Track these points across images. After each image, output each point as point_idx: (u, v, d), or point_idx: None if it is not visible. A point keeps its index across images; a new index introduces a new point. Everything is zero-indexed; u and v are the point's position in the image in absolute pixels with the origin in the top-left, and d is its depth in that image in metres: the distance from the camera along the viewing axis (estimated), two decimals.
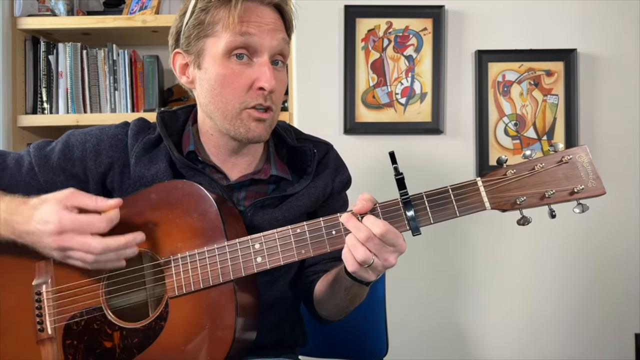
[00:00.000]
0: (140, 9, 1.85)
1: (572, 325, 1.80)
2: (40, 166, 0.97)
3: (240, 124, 0.92)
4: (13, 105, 1.80)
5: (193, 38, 0.92)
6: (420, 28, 1.78)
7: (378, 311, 1.35)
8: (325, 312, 1.02)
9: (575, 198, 0.80)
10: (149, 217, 0.89)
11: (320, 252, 0.84)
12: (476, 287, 1.81)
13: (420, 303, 1.80)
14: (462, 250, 1.80)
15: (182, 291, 0.86)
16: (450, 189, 0.81)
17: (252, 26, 0.89)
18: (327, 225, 0.84)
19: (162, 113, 1.02)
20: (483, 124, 1.78)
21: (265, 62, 0.91)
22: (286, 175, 1.01)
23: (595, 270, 1.80)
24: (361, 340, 1.34)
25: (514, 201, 0.80)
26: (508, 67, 1.78)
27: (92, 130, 1.01)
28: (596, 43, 1.79)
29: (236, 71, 0.90)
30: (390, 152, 0.83)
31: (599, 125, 1.79)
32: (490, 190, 0.80)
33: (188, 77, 0.97)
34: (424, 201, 0.81)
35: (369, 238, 0.78)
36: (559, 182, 0.79)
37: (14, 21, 1.81)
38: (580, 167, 0.79)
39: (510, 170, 0.80)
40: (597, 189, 0.79)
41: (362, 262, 0.78)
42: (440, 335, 1.80)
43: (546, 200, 0.80)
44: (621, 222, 1.79)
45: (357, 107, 1.77)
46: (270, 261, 0.85)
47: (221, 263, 0.85)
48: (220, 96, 0.91)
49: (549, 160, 0.80)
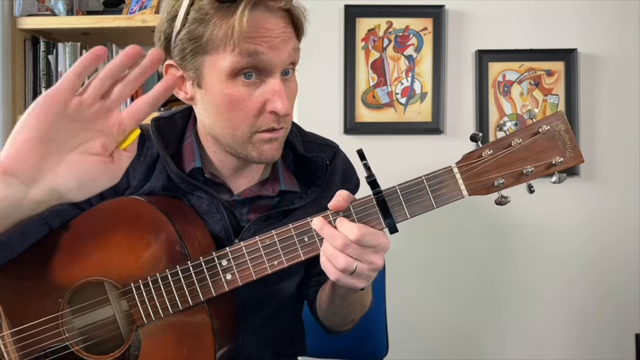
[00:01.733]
0: (140, 9, 1.85)
1: (572, 325, 1.80)
2: None
3: (252, 148, 0.83)
4: (13, 105, 1.80)
5: (188, 53, 0.80)
6: (421, 28, 1.78)
7: (378, 311, 1.35)
8: (328, 322, 0.97)
9: (554, 171, 0.76)
10: (99, 240, 0.81)
11: (294, 261, 0.77)
12: (476, 288, 1.81)
13: (420, 303, 1.80)
14: (463, 250, 1.80)
15: (152, 319, 0.79)
16: (424, 179, 0.76)
17: (259, 42, 0.77)
18: (298, 232, 0.77)
19: (156, 120, 0.90)
20: (483, 124, 1.78)
21: (277, 82, 0.79)
22: (295, 187, 0.93)
23: (596, 270, 1.80)
24: (361, 340, 1.33)
25: (491, 184, 0.76)
26: (508, 67, 1.78)
27: None
28: (596, 43, 1.79)
29: (244, 94, 0.79)
30: (359, 150, 0.78)
31: (599, 125, 1.79)
32: (467, 176, 0.76)
33: (186, 93, 0.85)
34: (398, 195, 0.76)
35: (346, 245, 0.72)
36: (536, 156, 0.75)
37: (13, 21, 1.81)
38: (558, 136, 0.75)
39: (486, 150, 0.75)
40: (575, 159, 0.76)
41: (343, 269, 0.72)
42: (440, 336, 1.80)
43: (524, 178, 0.76)
44: (621, 222, 1.78)
45: (357, 107, 1.77)
46: (242, 277, 0.78)
47: (187, 285, 0.78)
48: (228, 121, 0.81)
49: (525, 134, 0.75)
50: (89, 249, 0.81)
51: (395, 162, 1.76)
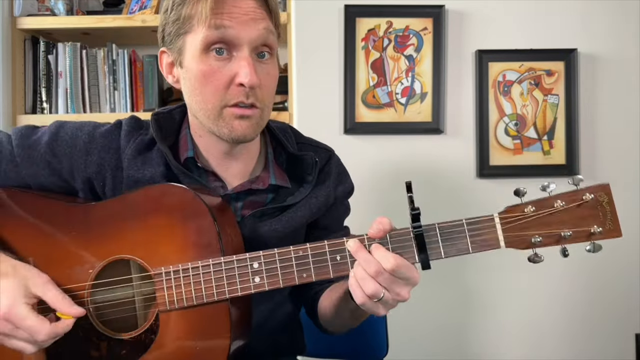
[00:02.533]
0: (139, 9, 1.85)
1: (572, 325, 1.80)
2: (23, 158, 0.90)
3: (223, 123, 0.86)
4: (13, 105, 1.80)
5: (173, 35, 0.87)
6: (421, 28, 1.78)
7: None
8: (331, 327, 0.99)
9: (591, 239, 0.78)
10: (139, 222, 0.84)
11: (322, 277, 0.79)
12: (476, 287, 1.81)
13: (421, 303, 1.80)
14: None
15: (174, 306, 0.81)
16: (465, 222, 0.77)
17: (226, 18, 0.82)
18: (331, 250, 0.78)
19: (156, 115, 0.95)
20: (483, 123, 1.78)
21: (245, 56, 0.83)
22: (285, 183, 0.96)
23: (596, 271, 1.80)
24: (361, 340, 1.33)
25: (529, 240, 0.77)
26: (508, 66, 1.78)
27: (84, 125, 0.93)
28: (596, 43, 1.79)
29: (215, 67, 0.84)
30: (407, 182, 0.79)
31: (599, 125, 1.79)
32: (507, 228, 0.77)
33: (174, 76, 0.92)
34: (436, 233, 0.77)
35: (379, 272, 0.73)
36: (576, 223, 0.77)
37: (13, 21, 1.81)
38: (600, 207, 0.78)
39: (529, 207, 0.77)
40: (614, 231, 0.79)
41: (371, 295, 0.74)
42: (441, 336, 1.80)
43: (562, 242, 0.77)
44: (622, 223, 1.78)
45: (357, 107, 1.77)
46: (269, 283, 0.80)
47: (216, 280, 0.80)
48: (201, 95, 0.86)
49: (569, 199, 0.77)
50: (128, 227, 0.84)
51: (395, 162, 1.76)
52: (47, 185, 0.92)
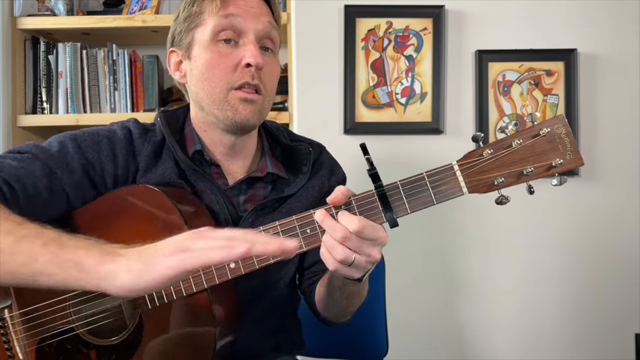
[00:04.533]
0: (140, 9, 1.85)
1: (572, 325, 1.80)
2: (61, 168, 0.87)
3: (228, 106, 0.91)
4: (13, 105, 1.80)
5: (184, 32, 0.95)
6: (421, 28, 1.78)
7: (378, 311, 1.35)
8: (327, 313, 1.01)
9: (553, 172, 0.78)
10: (111, 225, 0.84)
11: (296, 252, 0.79)
12: (476, 288, 1.81)
13: (420, 303, 1.80)
14: (462, 250, 1.80)
15: (156, 304, 0.82)
16: (425, 175, 0.78)
17: (234, 9, 0.91)
18: (301, 224, 0.79)
19: (163, 112, 1.01)
20: (483, 123, 1.78)
21: (251, 40, 0.91)
22: (282, 173, 1.00)
23: (596, 270, 1.80)
24: (361, 340, 1.34)
25: (491, 183, 0.77)
26: (508, 67, 1.78)
27: (97, 131, 0.93)
28: (596, 43, 1.79)
29: (223, 53, 0.91)
30: (361, 144, 0.80)
31: (599, 125, 1.79)
32: (467, 173, 0.77)
33: (181, 72, 0.98)
34: (399, 190, 0.78)
35: (345, 237, 0.74)
36: (536, 158, 0.77)
37: (13, 21, 1.81)
38: (558, 139, 0.77)
39: (486, 150, 0.78)
40: (575, 161, 0.77)
41: (342, 260, 0.75)
42: (441, 336, 1.80)
43: (524, 178, 0.78)
44: (621, 222, 1.78)
45: (357, 107, 1.77)
46: (245, 266, 0.80)
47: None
48: (208, 80, 0.91)
49: (526, 135, 0.77)
50: (100, 233, 0.82)
51: (395, 162, 1.76)
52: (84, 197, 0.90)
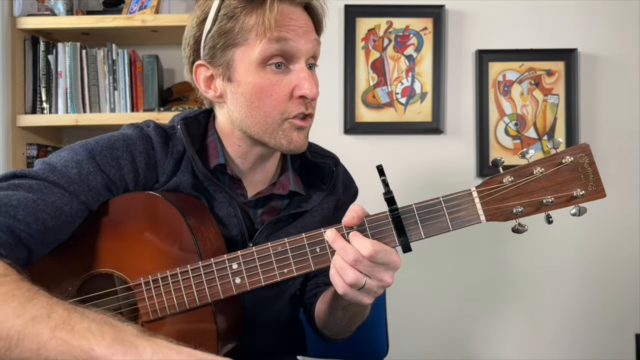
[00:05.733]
0: (139, 9, 1.84)
1: (572, 325, 1.80)
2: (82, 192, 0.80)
3: (282, 135, 0.85)
4: (12, 105, 1.80)
5: (219, 48, 0.83)
6: (421, 28, 1.78)
7: (378, 311, 1.35)
8: (327, 331, 0.98)
9: (573, 203, 0.74)
10: (114, 233, 0.82)
11: (304, 271, 0.77)
12: (476, 288, 1.81)
13: (420, 303, 1.80)
14: (463, 250, 1.80)
15: (157, 315, 0.79)
16: (442, 200, 0.75)
17: (286, 30, 0.82)
18: (310, 242, 0.77)
19: (184, 120, 0.91)
20: (483, 123, 1.78)
21: (303, 68, 0.86)
22: (301, 190, 0.96)
23: (596, 271, 1.80)
24: (361, 340, 1.33)
25: (510, 211, 0.74)
26: (508, 66, 1.78)
27: (113, 144, 0.84)
28: (596, 43, 1.79)
29: (274, 81, 0.83)
30: (378, 165, 0.77)
31: (599, 125, 1.79)
32: (486, 201, 0.74)
33: (215, 91, 0.87)
34: (414, 214, 0.75)
35: (357, 260, 0.71)
36: (558, 187, 0.74)
37: (13, 21, 1.80)
38: (581, 168, 0.74)
39: (507, 177, 0.74)
40: (597, 193, 0.74)
41: (352, 284, 0.72)
42: (441, 335, 1.80)
43: (543, 208, 0.74)
44: (621, 223, 1.78)
45: (357, 107, 1.77)
46: (250, 282, 0.78)
47: (197, 286, 0.78)
48: (259, 109, 0.84)
49: (548, 164, 0.74)
50: (103, 241, 0.81)
51: (395, 162, 1.76)
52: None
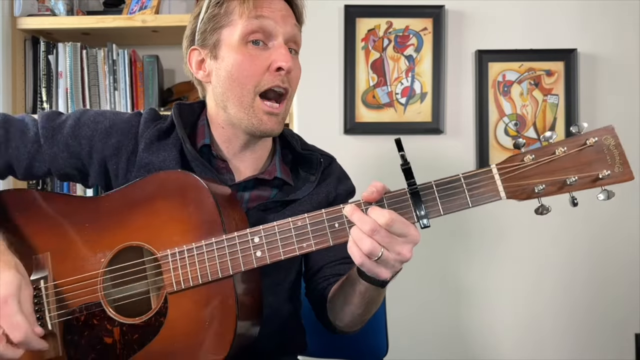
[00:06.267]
0: (140, 9, 1.85)
1: (572, 325, 1.80)
2: (46, 138, 0.96)
3: (253, 114, 0.92)
4: (13, 105, 1.80)
5: (209, 31, 0.94)
6: (421, 28, 1.78)
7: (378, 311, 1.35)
8: (339, 322, 0.98)
9: (599, 185, 0.71)
10: (145, 208, 0.87)
11: (322, 246, 0.79)
12: (476, 288, 1.81)
13: (421, 303, 1.80)
14: (463, 250, 1.80)
15: (181, 287, 0.83)
16: (462, 177, 0.74)
17: (265, 11, 0.91)
18: (329, 217, 0.79)
19: (178, 104, 1.02)
20: (483, 123, 1.78)
21: (281, 44, 0.92)
22: (289, 179, 1.00)
23: (596, 271, 1.80)
24: (361, 340, 1.33)
25: (531, 189, 0.72)
26: (508, 67, 1.78)
27: (106, 112, 1.00)
28: (596, 43, 1.79)
29: (253, 55, 0.91)
30: (397, 139, 0.78)
31: (599, 125, 1.78)
32: (506, 178, 0.73)
33: (204, 71, 0.97)
34: (433, 191, 0.75)
35: (374, 230, 0.72)
36: (582, 168, 0.71)
37: (13, 21, 1.81)
38: (607, 150, 0.72)
39: (528, 155, 0.72)
40: (624, 175, 0.71)
41: (368, 253, 0.73)
42: (440, 336, 1.80)
43: (567, 188, 0.72)
44: (622, 223, 1.78)
45: (357, 107, 1.77)
46: (271, 255, 0.81)
47: (219, 258, 0.82)
48: (237, 81, 0.92)
49: (572, 144, 0.72)
50: (136, 215, 0.88)
51: (395, 162, 1.75)
52: (63, 169, 0.99)
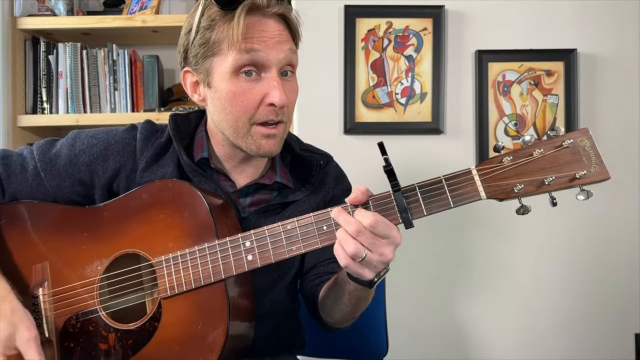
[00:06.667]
0: (140, 9, 1.85)
1: (572, 325, 1.80)
2: (46, 171, 0.96)
3: (252, 141, 0.92)
4: (13, 105, 1.80)
5: (200, 57, 0.91)
6: (420, 28, 1.78)
7: (378, 311, 1.35)
8: (330, 318, 1.01)
9: (576, 184, 0.75)
10: (141, 217, 0.89)
11: (311, 248, 0.82)
12: (476, 288, 1.81)
13: (420, 303, 1.80)
14: (462, 250, 1.80)
15: (174, 291, 0.85)
16: (443, 179, 0.78)
17: (256, 42, 0.87)
18: (317, 220, 0.82)
19: (174, 116, 1.01)
20: (483, 124, 1.78)
21: (274, 77, 0.89)
22: (289, 183, 1.01)
23: (596, 270, 1.80)
24: (361, 340, 1.34)
25: (510, 190, 0.76)
26: (508, 67, 1.78)
27: (99, 133, 0.99)
28: (596, 43, 1.79)
29: (245, 88, 0.89)
30: (379, 142, 0.81)
31: (599, 125, 1.79)
32: (486, 179, 0.77)
33: (200, 95, 0.96)
34: (416, 192, 0.79)
35: (359, 231, 0.75)
36: (559, 168, 0.75)
37: (14, 21, 1.81)
38: (582, 151, 0.75)
39: (506, 157, 0.77)
40: (601, 174, 0.75)
41: (353, 255, 0.76)
42: (440, 335, 1.80)
43: (545, 188, 0.76)
44: (621, 223, 1.78)
45: (357, 107, 1.77)
46: (261, 259, 0.83)
47: (212, 262, 0.84)
48: (231, 114, 0.90)
49: (548, 146, 0.76)
50: (131, 223, 0.90)
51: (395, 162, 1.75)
52: (69, 196, 0.98)
